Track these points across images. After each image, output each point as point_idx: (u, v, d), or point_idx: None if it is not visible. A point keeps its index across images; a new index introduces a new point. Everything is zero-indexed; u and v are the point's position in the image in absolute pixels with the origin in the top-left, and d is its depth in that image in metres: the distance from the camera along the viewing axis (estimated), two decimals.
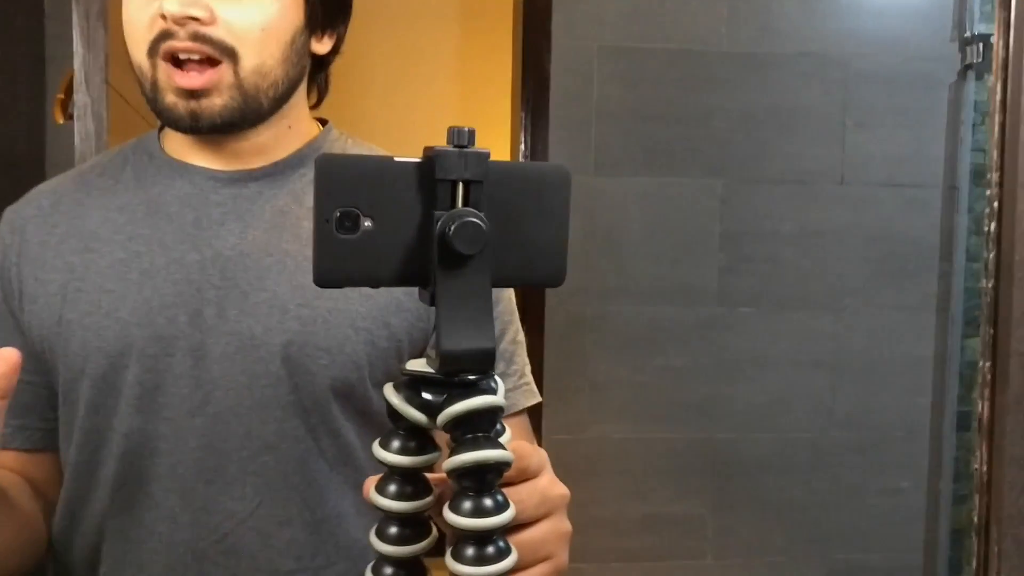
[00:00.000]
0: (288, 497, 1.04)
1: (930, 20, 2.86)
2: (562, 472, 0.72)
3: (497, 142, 3.28)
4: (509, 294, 1.17)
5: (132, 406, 1.02)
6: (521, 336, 1.18)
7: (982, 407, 0.91)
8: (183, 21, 0.98)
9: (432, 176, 0.57)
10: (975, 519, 0.92)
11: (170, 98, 1.01)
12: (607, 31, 2.76)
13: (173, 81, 1.00)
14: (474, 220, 0.56)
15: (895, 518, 2.95)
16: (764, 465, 2.92)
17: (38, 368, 1.08)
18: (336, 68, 1.19)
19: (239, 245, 1.05)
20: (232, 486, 1.03)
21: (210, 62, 1.00)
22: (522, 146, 2.77)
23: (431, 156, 0.57)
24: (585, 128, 2.76)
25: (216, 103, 1.01)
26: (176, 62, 1.00)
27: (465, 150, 0.57)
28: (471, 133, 0.57)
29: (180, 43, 0.98)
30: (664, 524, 2.89)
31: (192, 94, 1.00)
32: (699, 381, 2.87)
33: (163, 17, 0.98)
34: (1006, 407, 0.87)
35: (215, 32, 0.99)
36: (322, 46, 1.11)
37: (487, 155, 0.57)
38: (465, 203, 0.57)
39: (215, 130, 1.03)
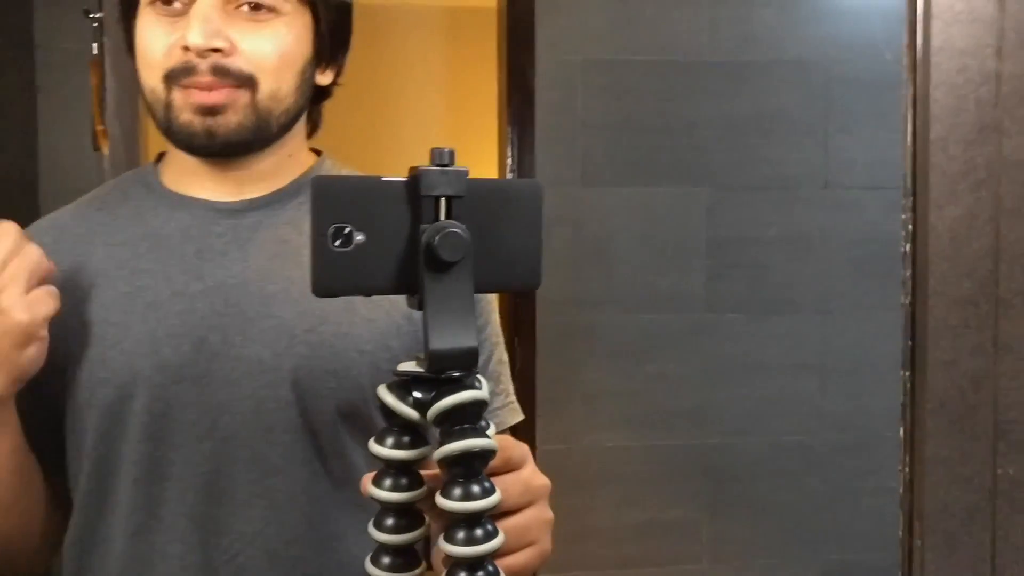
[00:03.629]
0: (294, 518, 1.07)
1: (904, 22, 2.90)
2: (556, 482, 0.77)
3: (485, 156, 3.31)
4: (495, 317, 1.21)
5: (141, 434, 1.05)
6: (505, 357, 1.22)
7: (904, 413, 0.96)
8: (205, 54, 1.02)
9: (417, 193, 0.63)
10: (900, 516, 0.97)
11: (186, 116, 1.04)
12: (590, 44, 2.80)
13: (192, 99, 1.03)
14: (456, 231, 0.62)
15: (887, 517, 2.96)
16: (756, 469, 2.95)
17: (34, 397, 1.08)
18: None
19: (242, 273, 1.08)
20: (240, 508, 1.06)
21: (230, 89, 1.04)
22: (509, 160, 2.80)
23: (416, 175, 0.63)
24: (571, 140, 2.80)
25: (232, 120, 1.04)
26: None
27: (447, 168, 0.63)
28: (451, 153, 0.63)
29: (203, 78, 1.02)
30: (659, 530, 2.91)
31: (210, 111, 1.03)
32: (690, 387, 2.90)
33: (185, 49, 1.02)
34: (926, 412, 0.93)
35: (234, 63, 1.03)
36: (324, 77, 1.15)
37: (466, 172, 0.64)
38: (448, 216, 0.64)
39: (227, 148, 1.06)
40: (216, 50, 1.02)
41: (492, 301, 1.20)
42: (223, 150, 1.07)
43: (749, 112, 2.88)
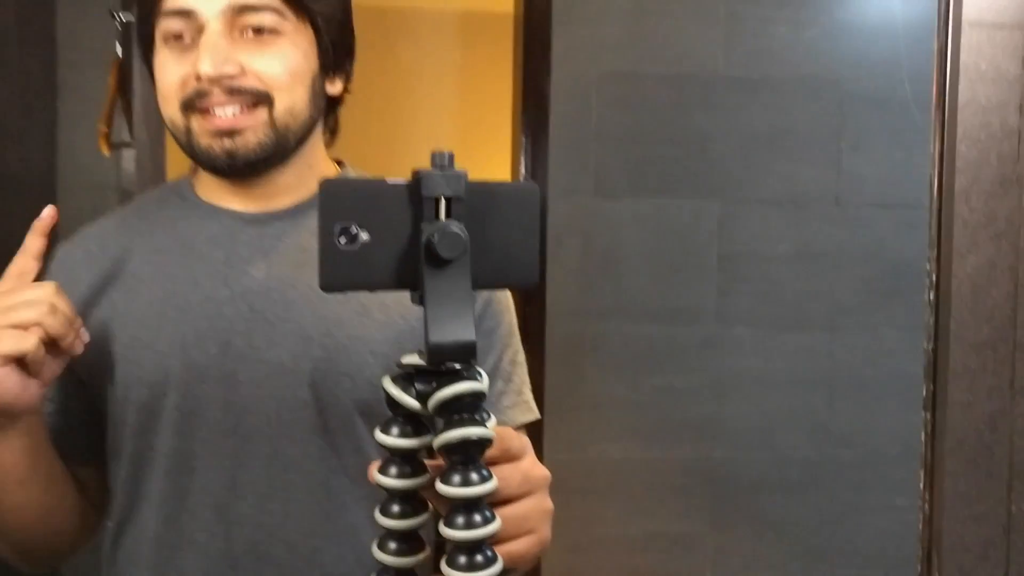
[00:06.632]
0: (312, 511, 1.14)
1: (920, 42, 2.91)
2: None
3: (498, 164, 3.33)
4: (508, 318, 1.26)
5: (171, 429, 1.13)
6: (521, 357, 1.28)
7: (924, 451, 0.99)
8: (218, 79, 1.08)
9: (419, 194, 0.66)
10: (918, 550, 0.99)
11: (205, 140, 1.11)
12: (606, 56, 2.81)
13: (209, 124, 1.10)
14: (455, 230, 0.65)
15: (891, 535, 2.98)
16: (762, 483, 2.95)
17: (80, 393, 1.20)
18: None
19: (266, 280, 1.15)
20: (261, 500, 1.13)
21: (247, 107, 1.10)
22: (522, 168, 2.82)
23: (418, 177, 0.67)
24: (584, 151, 2.82)
25: (251, 140, 1.11)
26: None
27: (447, 171, 0.67)
28: (451, 156, 0.67)
29: (216, 98, 1.09)
30: (664, 543, 2.92)
31: (227, 133, 1.10)
32: (697, 400, 2.91)
33: (198, 78, 1.08)
34: (945, 451, 0.95)
35: (246, 82, 1.10)
36: (334, 87, 1.22)
37: (465, 175, 0.67)
38: (447, 216, 0.67)
39: (249, 167, 1.13)
40: (228, 75, 1.09)
41: (508, 304, 1.27)
42: (245, 169, 1.14)
43: (762, 127, 2.89)
